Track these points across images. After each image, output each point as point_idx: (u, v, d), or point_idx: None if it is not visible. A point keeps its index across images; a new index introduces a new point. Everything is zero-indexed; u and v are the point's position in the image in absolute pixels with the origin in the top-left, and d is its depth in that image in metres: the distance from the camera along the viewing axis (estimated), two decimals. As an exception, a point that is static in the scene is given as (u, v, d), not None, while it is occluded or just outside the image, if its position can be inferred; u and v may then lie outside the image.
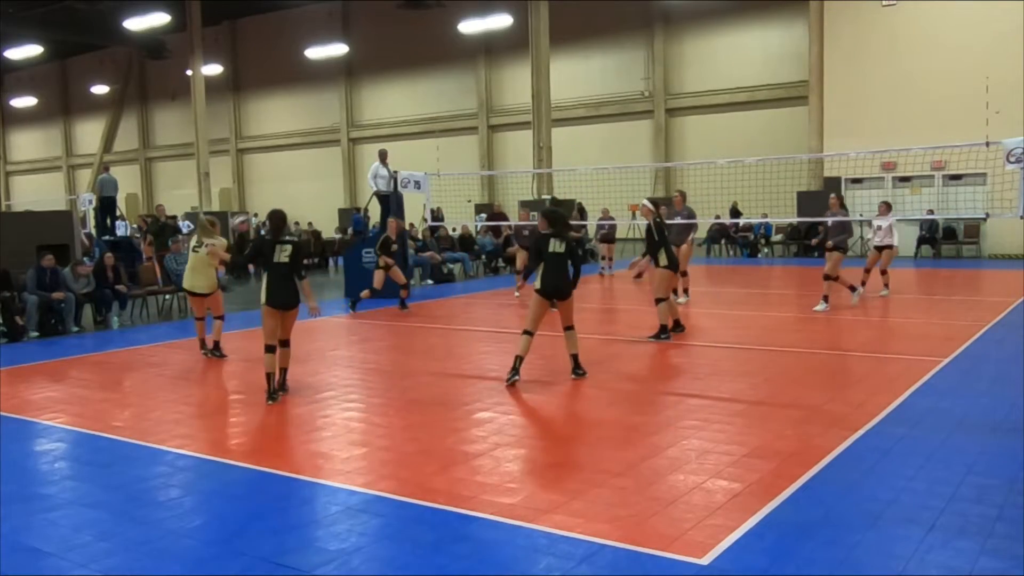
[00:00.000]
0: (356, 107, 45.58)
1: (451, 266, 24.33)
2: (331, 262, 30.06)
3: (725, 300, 16.93)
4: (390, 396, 9.83)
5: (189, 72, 37.93)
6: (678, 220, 15.92)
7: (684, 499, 6.06)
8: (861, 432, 7.53)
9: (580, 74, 37.73)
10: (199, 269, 12.34)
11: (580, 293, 11.51)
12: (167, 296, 18.59)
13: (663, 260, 12.52)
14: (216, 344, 12.62)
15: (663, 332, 12.59)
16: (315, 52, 42.03)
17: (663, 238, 12.59)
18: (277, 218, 9.73)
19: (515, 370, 9.98)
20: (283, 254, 9.56)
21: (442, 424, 8.32)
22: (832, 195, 16.53)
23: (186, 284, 12.51)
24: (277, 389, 9.59)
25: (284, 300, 9.58)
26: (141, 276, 18.29)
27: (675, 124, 36.70)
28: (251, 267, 27.86)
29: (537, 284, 10.03)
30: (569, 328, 10.26)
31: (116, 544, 5.64)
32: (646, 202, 12.86)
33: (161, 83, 50.68)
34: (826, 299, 15.69)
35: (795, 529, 5.49)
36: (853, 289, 16.20)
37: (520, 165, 36.55)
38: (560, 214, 10.32)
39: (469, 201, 29.08)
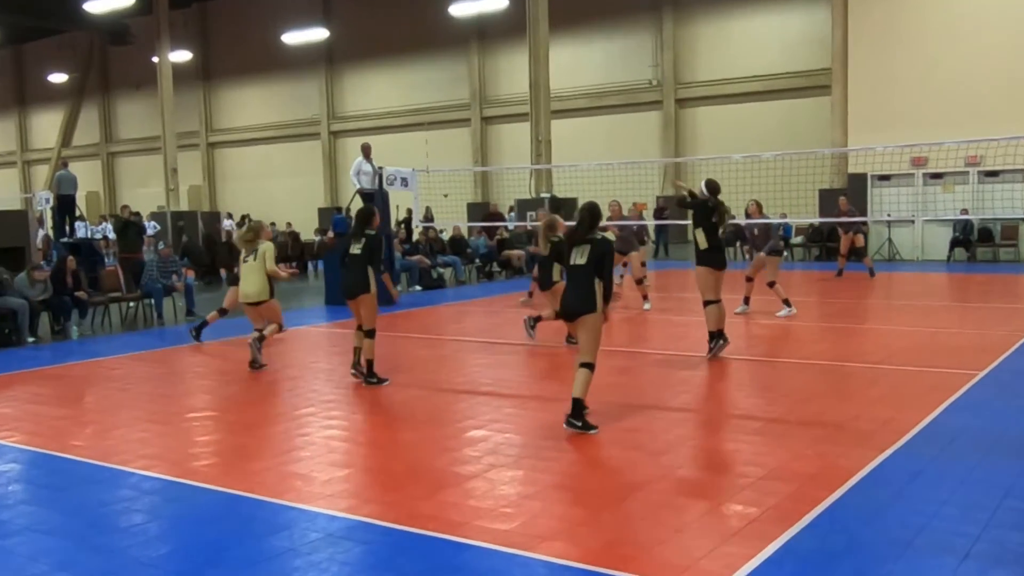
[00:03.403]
0: (337, 97, 45.63)
1: (441, 271, 24.34)
2: (310, 266, 30.07)
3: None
4: (375, 412, 9.83)
5: (155, 59, 37.96)
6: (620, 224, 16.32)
7: (695, 525, 6.06)
8: (889, 452, 7.53)
9: (582, 61, 37.80)
10: (249, 275, 12.54)
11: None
12: (131, 304, 18.58)
13: (702, 243, 12.11)
14: (262, 337, 12.54)
15: (719, 338, 12.11)
16: (293, 37, 42.01)
17: (699, 212, 12.23)
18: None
19: (581, 428, 8.51)
20: (356, 247, 11.05)
21: (431, 443, 8.32)
22: (751, 201, 16.88)
23: (242, 298, 12.73)
24: (358, 362, 11.15)
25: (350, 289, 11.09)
26: (103, 282, 18.28)
27: (686, 116, 36.78)
28: (223, 272, 27.91)
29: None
30: (583, 365, 8.55)
31: (75, 574, 5.63)
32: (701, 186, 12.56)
33: (124, 71, 50.70)
34: (787, 303, 15.90)
35: (817, 558, 5.49)
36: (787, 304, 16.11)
37: (517, 160, 36.59)
38: (590, 211, 8.74)
39: (445, 195, 29.01)
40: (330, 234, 25.21)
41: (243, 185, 48.76)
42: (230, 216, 41.21)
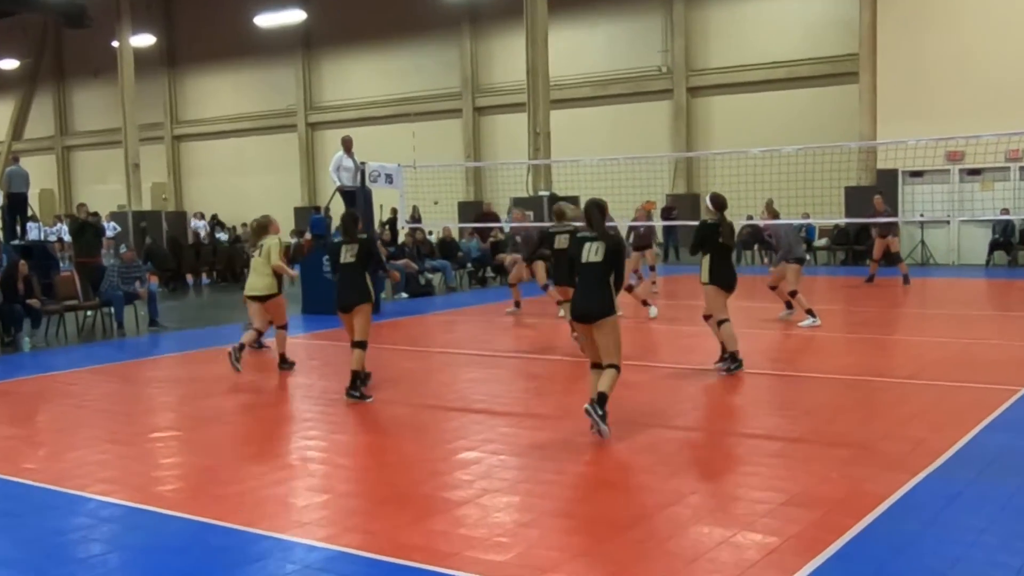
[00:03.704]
0: (316, 86, 45.65)
1: (430, 276, 24.34)
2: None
3: (757, 317, 16.95)
4: (357, 432, 9.82)
5: (115, 43, 37.92)
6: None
7: (709, 556, 6.06)
8: (922, 475, 7.54)
9: (584, 46, 37.83)
10: (256, 270, 13.32)
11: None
12: (89, 312, 18.56)
13: (704, 274, 12.09)
14: (282, 356, 13.34)
15: (735, 360, 12.05)
16: (267, 20, 42.00)
17: (707, 241, 12.23)
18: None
19: (600, 418, 8.84)
20: (348, 254, 11.12)
21: (419, 465, 8.32)
22: (769, 200, 17.00)
23: (247, 291, 13.52)
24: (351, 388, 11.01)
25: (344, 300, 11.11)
26: (58, 288, 18.27)
27: (698, 106, 36.82)
28: (189, 277, 27.91)
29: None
30: (608, 366, 8.97)
31: (27, 611, 5.63)
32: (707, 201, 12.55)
33: (81, 57, 50.66)
34: (811, 313, 15.87)
35: (843, 591, 5.49)
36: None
37: (512, 155, 36.58)
38: (598, 206, 9.18)
39: (436, 204, 29.04)
40: (307, 236, 25.22)
41: (212, 182, 48.74)
42: (202, 216, 41.23)
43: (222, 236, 36.52)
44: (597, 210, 9.13)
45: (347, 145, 20.77)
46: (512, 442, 9.05)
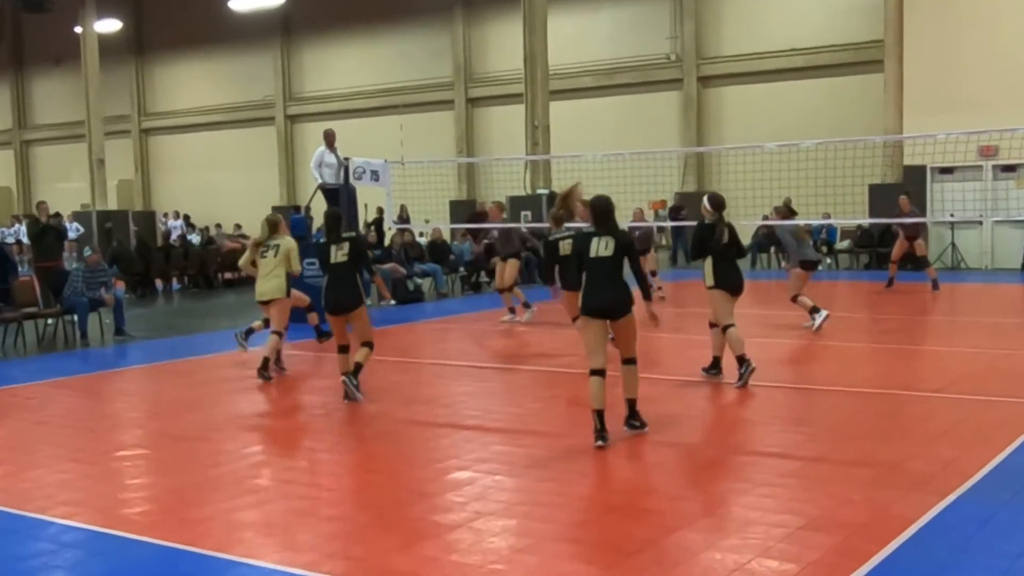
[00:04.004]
0: (295, 75, 45.69)
1: (419, 281, 24.34)
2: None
3: (774, 325, 16.97)
4: (340, 450, 9.82)
5: (78, 29, 37.94)
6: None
7: (722, 584, 6.07)
8: (952, 497, 7.54)
9: (587, 32, 37.90)
10: (266, 273, 13.51)
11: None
12: (50, 321, 18.55)
13: (708, 278, 12.20)
14: (265, 361, 13.22)
15: (746, 364, 12.04)
16: (242, 3, 42.00)
17: (706, 244, 12.34)
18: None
19: (600, 431, 9.23)
20: (340, 253, 11.59)
21: (407, 486, 8.32)
22: (787, 197, 17.22)
23: (258, 296, 13.69)
24: (351, 375, 11.49)
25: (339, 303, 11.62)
26: (16, 294, 18.25)
27: (710, 97, 36.87)
28: (159, 283, 27.89)
29: (579, 302, 9.64)
30: (628, 361, 9.64)
31: (-18, 644, 5.63)
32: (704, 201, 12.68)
33: (42, 44, 50.67)
34: (815, 310, 16.10)
35: (865, 622, 5.50)
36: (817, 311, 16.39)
37: (509, 150, 36.65)
38: (606, 204, 9.62)
39: (427, 221, 29.12)
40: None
41: (183, 179, 48.76)
42: (177, 215, 41.23)
43: (194, 238, 36.51)
44: (605, 205, 9.60)
45: (329, 139, 20.78)
46: (508, 461, 9.06)
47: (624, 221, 21.15)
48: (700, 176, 36.18)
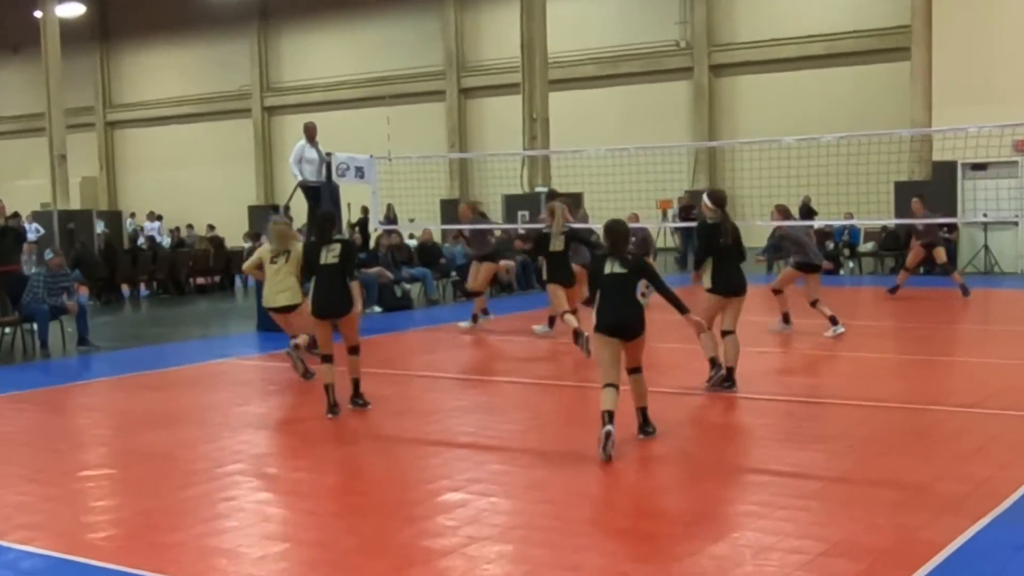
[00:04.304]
0: (273, 64, 45.70)
1: (407, 287, 24.31)
2: (238, 280, 30.01)
3: (792, 334, 16.98)
4: (322, 470, 9.81)
5: (38, 14, 37.92)
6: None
7: (736, 615, 6.07)
8: (985, 520, 7.54)
9: (589, 17, 37.93)
10: (280, 280, 13.90)
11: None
12: (7, 329, 18.53)
13: (706, 280, 12.48)
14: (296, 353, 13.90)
15: (725, 374, 12.47)
16: (216, -14, 42.12)
17: (711, 245, 12.52)
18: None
19: (607, 433, 9.43)
20: (330, 255, 11.82)
21: (395, 510, 8.31)
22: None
23: (266, 302, 14.17)
24: (336, 403, 11.69)
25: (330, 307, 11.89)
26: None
27: (723, 87, 36.91)
28: (125, 288, 27.85)
29: (593, 320, 10.06)
30: (635, 371, 10.16)
31: None
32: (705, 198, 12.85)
33: (-1, 29, 50.76)
34: (834, 320, 16.37)
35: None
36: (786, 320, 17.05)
37: (505, 145, 36.62)
38: (620, 229, 10.21)
39: (411, 220, 29.09)
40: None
41: (151, 176, 48.70)
42: (153, 216, 41.19)
43: (163, 240, 36.50)
44: (623, 234, 10.17)
45: (310, 133, 20.76)
46: (504, 481, 9.06)
47: (653, 219, 21.20)
48: (712, 173, 36.20)
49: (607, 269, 9.88)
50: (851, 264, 30.12)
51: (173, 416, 12.25)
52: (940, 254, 22.29)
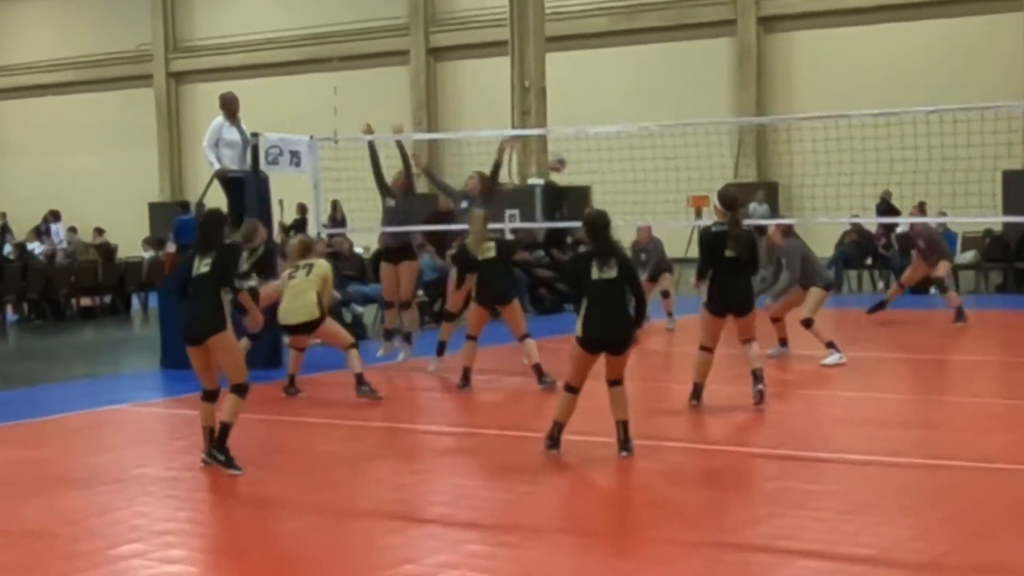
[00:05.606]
0: (181, 17, 45.83)
1: (359, 310, 24.24)
2: (136, 301, 29.95)
3: (865, 372, 17.04)
4: (244, 552, 9.82)
5: None
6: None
7: None
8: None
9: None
10: (298, 295, 15.51)
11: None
12: None
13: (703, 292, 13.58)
14: (359, 377, 15.97)
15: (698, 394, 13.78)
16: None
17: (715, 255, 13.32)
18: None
19: (553, 439, 11.67)
20: (203, 264, 11.90)
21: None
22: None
23: (283, 319, 15.75)
24: (212, 448, 11.91)
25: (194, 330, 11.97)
26: None
27: (775, 45, 37.04)
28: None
29: (577, 330, 10.73)
30: (615, 383, 11.19)
31: None
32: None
33: None
34: (832, 346, 17.10)
35: None
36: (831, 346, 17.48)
37: (488, 122, 36.63)
38: (600, 219, 10.96)
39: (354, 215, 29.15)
40: (170, 247, 25.30)
41: (21, 163, 48.72)
42: (56, 217, 41.05)
43: (34, 247, 36.40)
44: (602, 226, 11.09)
45: (230, 107, 20.70)
46: (485, 567, 9.07)
47: (629, 229, 21.22)
48: (760, 159, 36.32)
49: (594, 274, 10.55)
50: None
51: (51, 481, 12.24)
52: (943, 267, 22.64)
